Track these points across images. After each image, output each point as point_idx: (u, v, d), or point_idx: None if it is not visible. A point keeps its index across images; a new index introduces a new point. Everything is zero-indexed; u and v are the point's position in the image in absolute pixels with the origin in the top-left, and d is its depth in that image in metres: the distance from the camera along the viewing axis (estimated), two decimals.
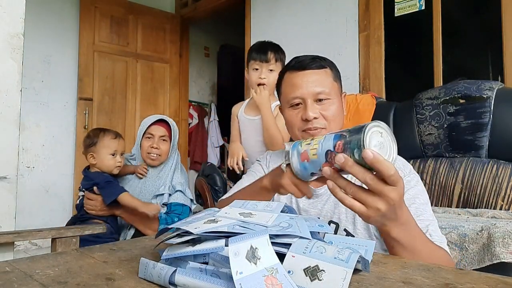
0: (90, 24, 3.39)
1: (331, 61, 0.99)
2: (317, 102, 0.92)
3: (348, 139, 0.55)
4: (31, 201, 3.09)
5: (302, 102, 0.92)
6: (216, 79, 4.97)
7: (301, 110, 0.92)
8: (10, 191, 1.24)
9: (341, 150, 0.56)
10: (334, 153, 0.56)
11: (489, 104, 1.51)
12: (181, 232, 0.49)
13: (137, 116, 3.63)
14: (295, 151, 0.64)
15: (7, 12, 1.26)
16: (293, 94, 0.93)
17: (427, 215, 0.82)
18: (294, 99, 0.93)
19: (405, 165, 0.92)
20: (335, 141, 0.57)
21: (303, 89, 0.91)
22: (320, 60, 0.95)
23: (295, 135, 0.95)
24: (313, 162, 0.60)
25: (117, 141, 1.60)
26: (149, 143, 1.69)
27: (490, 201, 1.44)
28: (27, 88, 3.06)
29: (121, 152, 1.62)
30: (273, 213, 0.54)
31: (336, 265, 0.44)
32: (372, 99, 2.01)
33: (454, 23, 2.21)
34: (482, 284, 0.47)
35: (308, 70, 0.93)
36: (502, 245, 1.07)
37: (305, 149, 0.61)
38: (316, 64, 0.94)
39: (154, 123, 1.71)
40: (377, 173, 0.54)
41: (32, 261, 0.56)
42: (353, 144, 0.54)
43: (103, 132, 1.62)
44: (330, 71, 0.95)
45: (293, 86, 0.93)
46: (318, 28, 2.68)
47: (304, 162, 0.62)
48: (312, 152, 0.60)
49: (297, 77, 0.93)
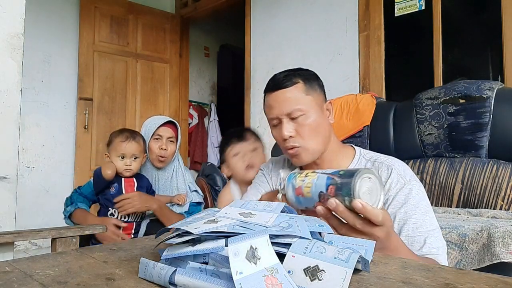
0: (90, 24, 3.39)
1: (308, 73, 1.00)
2: (293, 120, 0.94)
3: (339, 185, 0.60)
4: (31, 201, 3.09)
5: (278, 122, 0.96)
6: (216, 79, 4.97)
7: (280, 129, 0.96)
8: (10, 191, 1.24)
9: (333, 194, 0.61)
10: (327, 196, 0.62)
11: (489, 104, 1.51)
12: (181, 232, 0.49)
13: (137, 116, 3.63)
14: (290, 185, 0.68)
15: (7, 12, 1.26)
16: (270, 115, 0.98)
17: (426, 225, 0.84)
18: (272, 120, 0.98)
19: (405, 172, 0.93)
20: (327, 184, 0.62)
21: (277, 109, 0.95)
22: (293, 76, 0.96)
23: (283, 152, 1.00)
24: (307, 199, 0.65)
25: (125, 144, 1.54)
26: (158, 144, 1.67)
27: (490, 201, 1.44)
28: (27, 88, 3.06)
29: (133, 155, 1.55)
30: (273, 213, 0.54)
31: (336, 265, 0.44)
32: (372, 99, 2.01)
33: (454, 23, 2.21)
34: (482, 284, 0.47)
35: (280, 90, 0.95)
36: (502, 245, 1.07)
37: (300, 185, 0.66)
38: (288, 81, 0.95)
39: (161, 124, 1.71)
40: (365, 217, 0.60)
41: (32, 261, 0.56)
42: (344, 191, 0.59)
43: (117, 133, 1.59)
44: (302, 86, 0.96)
45: (269, 108, 0.98)
46: (318, 28, 2.68)
47: (298, 197, 0.66)
48: (306, 190, 0.64)
49: (271, 98, 0.97)
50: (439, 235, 0.85)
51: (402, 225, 0.85)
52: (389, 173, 0.92)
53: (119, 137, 1.56)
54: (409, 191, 0.88)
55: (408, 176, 0.92)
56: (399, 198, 0.88)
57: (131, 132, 1.59)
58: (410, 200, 0.87)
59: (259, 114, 3.11)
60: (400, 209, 0.87)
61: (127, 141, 1.54)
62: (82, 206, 1.57)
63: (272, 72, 3.47)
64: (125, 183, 1.56)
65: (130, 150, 1.54)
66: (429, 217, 0.86)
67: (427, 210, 0.87)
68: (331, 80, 2.38)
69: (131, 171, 1.56)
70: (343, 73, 2.48)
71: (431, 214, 0.88)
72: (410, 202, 0.86)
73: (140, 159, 1.59)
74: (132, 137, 1.57)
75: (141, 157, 1.59)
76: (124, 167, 1.54)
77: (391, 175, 0.91)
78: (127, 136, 1.56)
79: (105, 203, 1.55)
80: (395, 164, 0.94)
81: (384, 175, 0.92)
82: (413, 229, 0.84)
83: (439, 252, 0.81)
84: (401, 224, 0.86)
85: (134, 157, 1.56)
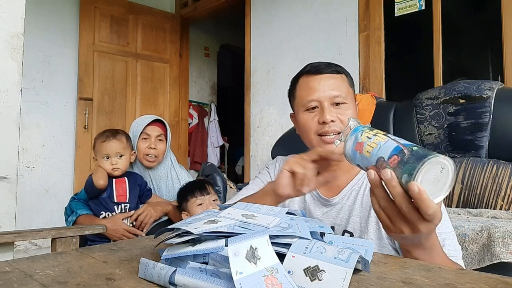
0: (90, 24, 3.39)
1: (346, 70, 1.00)
2: (334, 106, 0.91)
3: (405, 159, 0.53)
4: (31, 201, 3.09)
5: (318, 105, 0.91)
6: (216, 79, 4.97)
7: (318, 113, 0.91)
8: (10, 191, 1.24)
9: (394, 165, 0.54)
10: (385, 163, 0.55)
11: (489, 104, 1.51)
12: (181, 232, 0.49)
13: (137, 116, 3.62)
14: (353, 137, 0.62)
15: (7, 12, 1.26)
16: (309, 97, 0.92)
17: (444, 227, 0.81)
18: (310, 102, 0.92)
19: None
20: (393, 153, 0.54)
21: (320, 92, 0.91)
22: (336, 66, 0.96)
23: (310, 139, 0.93)
24: (364, 158, 0.59)
25: (106, 144, 1.53)
26: (146, 144, 1.65)
27: (490, 201, 1.44)
28: (27, 88, 3.06)
29: (117, 154, 1.54)
30: (276, 217, 0.53)
31: (336, 265, 0.44)
32: (372, 99, 2.01)
33: (454, 23, 2.21)
34: (482, 284, 0.47)
35: (325, 74, 0.93)
36: (502, 245, 1.07)
37: (363, 141, 0.59)
38: (332, 69, 0.94)
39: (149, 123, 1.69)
40: (416, 204, 0.53)
41: (32, 261, 0.56)
42: (407, 168, 0.52)
43: (99, 135, 1.58)
44: (346, 77, 0.96)
45: (309, 89, 0.92)
46: (318, 28, 2.68)
47: (356, 152, 0.60)
48: (367, 149, 0.58)
49: (314, 81, 0.93)
50: (455, 238, 0.82)
51: None
52: None
53: (100, 138, 1.56)
54: None
55: None
56: None
57: (112, 131, 1.59)
58: None
59: (259, 114, 3.11)
60: None
61: (107, 140, 1.54)
62: (83, 212, 1.53)
63: (272, 72, 3.46)
64: (116, 185, 1.55)
65: (113, 148, 1.53)
66: (445, 220, 0.83)
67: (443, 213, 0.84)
68: None
69: (119, 169, 1.54)
70: None
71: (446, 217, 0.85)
72: None
73: (127, 157, 1.57)
74: (113, 135, 1.56)
75: (127, 154, 1.57)
76: (111, 167, 1.53)
77: None
78: (107, 135, 1.55)
79: (97, 207, 1.53)
80: None
81: None
82: None
83: (457, 255, 0.78)
84: None
85: (119, 155, 1.54)
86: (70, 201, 1.61)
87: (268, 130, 3.01)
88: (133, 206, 1.56)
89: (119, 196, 1.54)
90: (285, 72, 2.88)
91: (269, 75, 3.04)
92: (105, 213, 1.52)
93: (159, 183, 1.72)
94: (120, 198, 1.54)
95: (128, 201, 1.55)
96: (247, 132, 3.20)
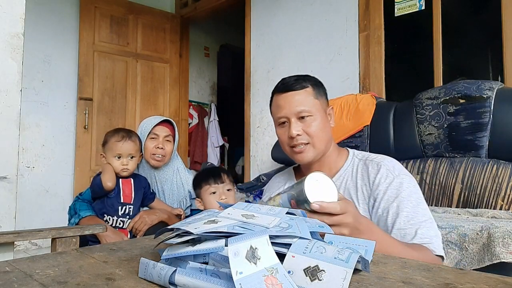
0: (90, 24, 3.38)
1: (315, 79, 1.09)
2: (300, 120, 1.02)
3: (296, 197, 0.69)
4: (31, 201, 3.09)
5: (287, 120, 1.03)
6: (216, 79, 4.97)
7: (287, 128, 1.03)
8: (10, 191, 1.24)
9: (296, 206, 0.69)
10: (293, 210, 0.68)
11: (489, 104, 1.51)
12: (181, 232, 0.49)
13: (137, 116, 3.63)
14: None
15: (7, 12, 1.26)
16: (279, 114, 1.05)
17: (418, 216, 0.89)
18: (280, 119, 1.05)
19: (394, 167, 0.98)
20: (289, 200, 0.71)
21: (286, 109, 1.03)
22: (303, 81, 1.05)
23: (285, 150, 1.07)
24: None
25: (121, 144, 1.52)
26: (154, 143, 1.65)
27: (490, 201, 1.44)
28: (27, 88, 3.06)
29: (129, 155, 1.53)
30: (276, 217, 0.53)
31: (336, 265, 0.44)
32: (372, 99, 2.02)
33: (454, 23, 2.21)
34: (482, 284, 0.47)
35: (290, 92, 1.03)
36: (502, 245, 1.07)
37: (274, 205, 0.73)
38: (298, 85, 1.03)
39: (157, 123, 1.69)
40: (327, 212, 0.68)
41: (32, 261, 0.56)
42: (301, 200, 0.68)
43: (112, 133, 1.57)
44: (311, 90, 1.04)
45: (278, 107, 1.05)
46: (318, 28, 2.68)
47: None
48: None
49: (281, 99, 1.05)
50: (431, 225, 0.89)
51: (395, 219, 0.89)
52: (378, 169, 0.97)
53: (115, 137, 1.53)
54: (399, 184, 0.93)
55: (397, 170, 0.96)
56: (390, 192, 0.93)
57: (127, 132, 1.58)
58: (402, 193, 0.91)
59: (259, 114, 3.11)
60: (392, 203, 0.91)
61: (123, 141, 1.53)
62: (87, 213, 1.52)
63: (272, 72, 3.46)
64: (123, 185, 1.55)
65: (127, 149, 1.52)
66: (421, 209, 0.90)
67: (419, 202, 0.92)
68: (331, 80, 2.38)
69: (128, 170, 1.54)
70: (343, 73, 2.48)
71: (423, 205, 0.92)
72: (401, 195, 0.91)
73: (137, 159, 1.58)
74: (128, 136, 1.55)
75: (137, 157, 1.58)
76: (121, 167, 1.52)
77: (380, 170, 0.96)
78: (123, 135, 1.54)
79: (101, 207, 1.52)
80: (384, 160, 1.00)
81: (374, 171, 0.97)
82: (404, 222, 0.88)
83: (432, 241, 0.85)
84: (394, 217, 0.90)
85: (131, 157, 1.54)
86: (74, 201, 1.60)
87: (268, 130, 3.01)
88: (136, 208, 1.56)
89: (126, 197, 1.54)
90: (285, 72, 2.86)
91: (269, 75, 3.04)
92: (107, 217, 1.51)
93: (163, 185, 1.72)
94: (126, 199, 1.54)
95: (132, 203, 1.55)
96: (247, 132, 3.19)
